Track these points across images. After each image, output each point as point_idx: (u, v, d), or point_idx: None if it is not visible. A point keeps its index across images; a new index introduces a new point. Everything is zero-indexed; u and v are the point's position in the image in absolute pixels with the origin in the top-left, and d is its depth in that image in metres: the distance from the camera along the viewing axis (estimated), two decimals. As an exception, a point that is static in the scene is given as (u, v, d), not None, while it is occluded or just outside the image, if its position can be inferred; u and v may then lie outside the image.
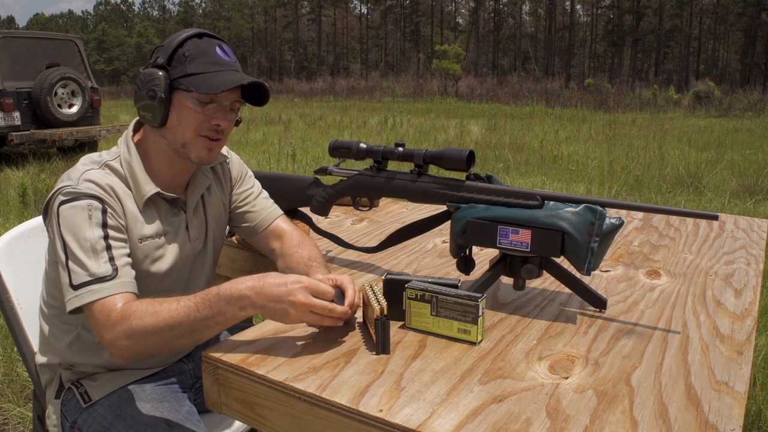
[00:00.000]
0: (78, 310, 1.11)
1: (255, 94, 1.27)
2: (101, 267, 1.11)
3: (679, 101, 21.67)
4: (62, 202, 1.14)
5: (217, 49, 1.21)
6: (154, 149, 1.26)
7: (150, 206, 1.26)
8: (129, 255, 1.18)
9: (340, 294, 1.08)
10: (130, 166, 1.23)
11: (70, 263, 1.11)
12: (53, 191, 1.18)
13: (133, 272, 1.16)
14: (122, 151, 1.25)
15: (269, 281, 1.02)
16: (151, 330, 1.04)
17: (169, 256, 1.29)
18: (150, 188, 1.24)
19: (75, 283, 1.10)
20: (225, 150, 1.46)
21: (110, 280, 1.10)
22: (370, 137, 11.24)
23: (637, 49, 50.45)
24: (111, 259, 1.13)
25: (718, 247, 1.66)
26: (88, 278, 1.10)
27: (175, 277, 1.31)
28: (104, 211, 1.15)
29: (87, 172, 1.19)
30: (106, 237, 1.14)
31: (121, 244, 1.17)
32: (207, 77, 1.18)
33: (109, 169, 1.22)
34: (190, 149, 1.23)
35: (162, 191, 1.26)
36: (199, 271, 1.38)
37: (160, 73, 1.19)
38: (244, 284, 1.03)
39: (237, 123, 1.31)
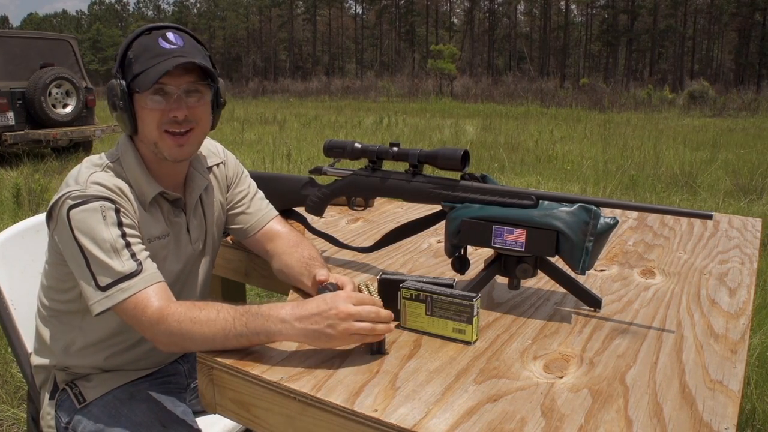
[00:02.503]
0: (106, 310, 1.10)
1: (209, 71, 1.22)
2: (125, 265, 1.10)
3: (674, 101, 21.75)
4: (72, 206, 1.12)
5: (160, 40, 1.17)
6: (143, 152, 1.25)
7: (154, 206, 1.25)
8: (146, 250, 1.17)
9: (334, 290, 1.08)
10: (131, 167, 1.23)
11: (93, 266, 1.10)
12: (59, 195, 1.15)
13: (155, 264, 1.16)
14: (121, 152, 1.24)
15: (308, 306, 1.00)
16: (188, 336, 1.04)
17: (172, 256, 1.29)
18: (153, 188, 1.24)
19: (102, 284, 1.09)
20: (221, 150, 1.45)
21: (137, 275, 1.10)
22: (365, 137, 11.24)
23: (631, 48, 50.59)
24: (133, 255, 1.12)
25: (713, 247, 1.66)
26: (116, 278, 1.09)
27: (175, 278, 1.31)
28: (117, 211, 1.14)
29: (93, 174, 1.17)
30: (123, 235, 1.13)
31: (138, 240, 1.16)
32: (147, 73, 1.15)
33: (112, 171, 1.21)
34: (162, 148, 1.20)
35: (165, 190, 1.25)
36: (198, 272, 1.38)
37: (116, 82, 1.18)
38: (279, 313, 1.00)
39: (219, 105, 1.27)
